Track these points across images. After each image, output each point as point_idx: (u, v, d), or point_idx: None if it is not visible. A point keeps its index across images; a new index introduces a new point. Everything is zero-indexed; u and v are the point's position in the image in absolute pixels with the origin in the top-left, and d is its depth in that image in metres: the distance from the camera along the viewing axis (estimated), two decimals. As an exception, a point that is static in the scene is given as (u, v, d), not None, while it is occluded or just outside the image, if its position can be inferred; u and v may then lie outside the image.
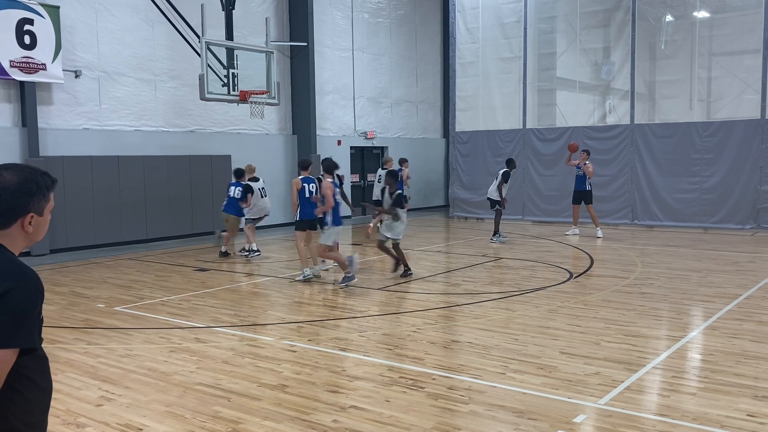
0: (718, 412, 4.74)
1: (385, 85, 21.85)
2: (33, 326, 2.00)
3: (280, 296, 9.40)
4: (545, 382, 5.45)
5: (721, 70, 17.09)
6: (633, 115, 17.52)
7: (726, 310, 7.89)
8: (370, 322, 7.66)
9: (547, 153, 18.84)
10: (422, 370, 5.81)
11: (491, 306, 8.34)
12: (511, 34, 19.83)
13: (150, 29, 15.26)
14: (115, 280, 10.65)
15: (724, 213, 16.24)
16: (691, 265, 11.23)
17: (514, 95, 19.73)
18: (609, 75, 18.71)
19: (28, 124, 13.09)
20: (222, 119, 16.90)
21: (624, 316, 7.66)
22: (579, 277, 10.20)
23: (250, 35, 16.58)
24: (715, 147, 16.34)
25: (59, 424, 4.74)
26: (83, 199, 13.92)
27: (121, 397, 5.32)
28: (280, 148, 18.59)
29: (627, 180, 17.56)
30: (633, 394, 5.17)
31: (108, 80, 14.58)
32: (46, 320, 7.72)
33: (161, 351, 6.63)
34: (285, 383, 5.56)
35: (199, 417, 4.85)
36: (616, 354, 6.19)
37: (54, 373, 6.01)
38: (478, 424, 4.62)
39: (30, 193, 2.11)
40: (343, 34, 20.23)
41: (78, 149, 14.00)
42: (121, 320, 7.98)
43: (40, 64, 13.00)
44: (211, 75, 13.25)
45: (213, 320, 7.88)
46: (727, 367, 5.77)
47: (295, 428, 4.61)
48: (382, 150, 22.04)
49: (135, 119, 15.12)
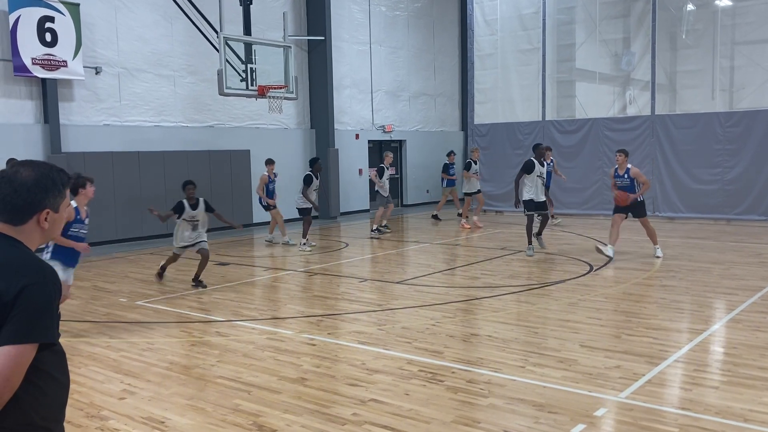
0: (742, 406, 4.68)
1: (403, 78, 21.80)
2: (51, 321, 2.03)
3: (299, 290, 9.44)
4: (565, 375, 5.42)
5: (744, 59, 16.82)
6: (654, 106, 17.32)
7: (749, 303, 7.78)
8: (389, 316, 7.67)
9: (567, 145, 18.68)
10: (442, 364, 5.80)
11: (510, 299, 8.31)
12: (529, 25, 19.67)
13: (169, 25, 15.35)
14: (136, 275, 10.76)
15: (748, 204, 16.01)
16: (714, 257, 11.09)
17: (533, 87, 19.58)
18: (629, 66, 18.49)
19: (50, 120, 13.24)
20: (240, 114, 16.97)
21: (645, 309, 7.59)
22: (599, 270, 10.13)
23: (267, 30, 16.61)
24: (738, 137, 16.10)
25: (83, 417, 4.81)
26: (105, 194, 14.05)
27: (143, 390, 5.38)
28: (299, 142, 18.63)
29: (648, 171, 17.34)
30: (654, 387, 5.12)
31: (128, 76, 14.69)
32: (70, 315, 7.87)
33: (182, 345, 6.69)
34: (305, 376, 5.58)
35: (220, 410, 4.89)
36: (637, 347, 6.14)
37: (77, 367, 6.12)
38: (498, 418, 4.61)
39: (46, 189, 2.13)
40: (361, 27, 20.19)
41: (99, 145, 14.15)
42: (142, 314, 8.07)
43: (61, 61, 13.14)
44: (230, 70, 13.30)
45: (233, 314, 7.94)
46: (750, 360, 5.70)
47: (315, 421, 4.63)
48: (400, 143, 22.00)
49: (154, 115, 15.24)
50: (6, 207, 2.10)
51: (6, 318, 1.94)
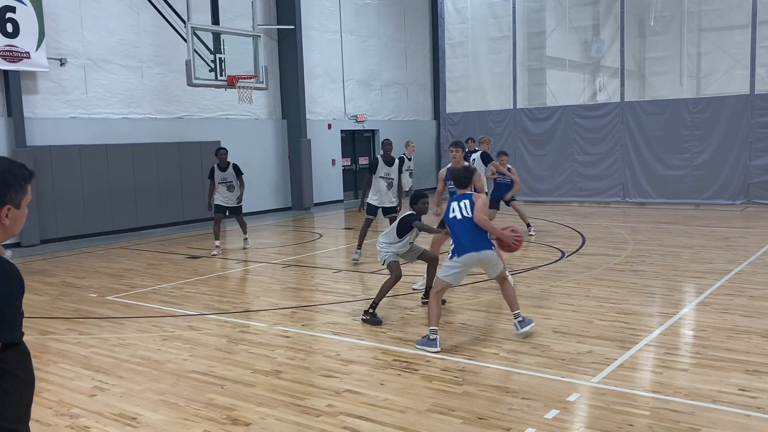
0: (710, 387, 4.77)
1: (375, 67, 21.71)
2: (14, 320, 1.97)
3: (272, 282, 9.38)
4: (538, 361, 5.47)
5: (711, 46, 17.06)
6: (623, 93, 17.51)
7: (717, 286, 7.92)
8: (364, 306, 7.65)
9: (537, 133, 18.82)
10: (416, 353, 5.81)
11: (484, 287, 8.35)
12: (499, 13, 19.72)
13: (135, 15, 15.07)
14: (106, 270, 10.60)
15: (715, 189, 16.30)
16: (683, 242, 11.26)
17: (504, 75, 19.67)
18: (599, 53, 18.65)
19: (13, 113, 12.94)
20: (210, 105, 16.76)
21: (616, 294, 7.69)
22: (571, 256, 10.22)
23: (236, 19, 16.40)
24: (705, 123, 16.35)
25: (52, 416, 4.72)
26: (72, 188, 13.81)
27: (115, 386, 5.31)
28: (270, 133, 18.48)
29: (618, 158, 17.57)
30: (626, 371, 5.19)
31: (94, 68, 14.41)
32: (38, 311, 7.72)
33: (154, 339, 6.61)
34: (279, 369, 5.55)
35: (193, 405, 4.84)
36: (608, 332, 6.21)
37: (46, 365, 6.02)
38: (472, 405, 4.63)
39: (7, 184, 2.08)
40: (331, 16, 20.04)
41: (65, 138, 13.87)
42: (113, 309, 7.95)
43: (23, 52, 12.83)
44: (198, 60, 13.11)
45: (205, 307, 7.86)
46: (718, 342, 5.81)
47: (290, 413, 4.61)
48: (373, 133, 21.94)
49: (122, 107, 14.98)
50: None
51: None
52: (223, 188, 11.70)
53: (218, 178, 11.70)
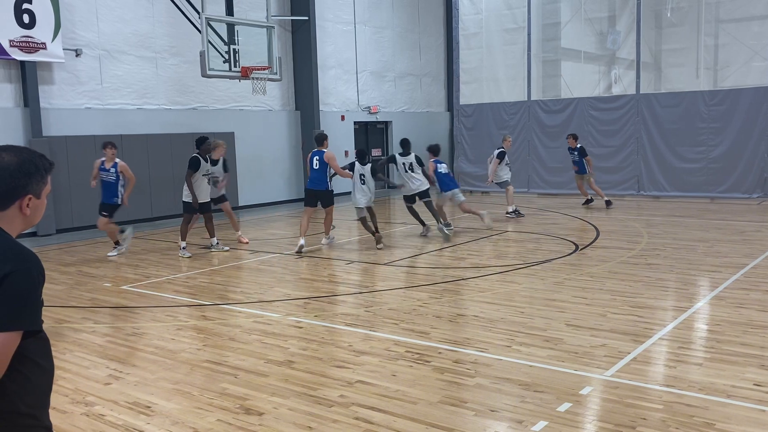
0: (725, 382, 4.74)
1: (388, 58, 21.65)
2: (36, 308, 2.01)
3: (285, 273, 9.42)
4: (551, 354, 5.46)
5: (729, 38, 16.85)
6: (638, 85, 17.34)
7: (733, 280, 7.86)
8: (376, 297, 7.67)
9: (552, 125, 18.69)
10: (428, 344, 5.81)
11: (496, 279, 8.34)
12: (514, 4, 19.57)
13: (150, 5, 15.11)
14: (121, 259, 10.68)
15: (731, 182, 16.13)
16: (698, 235, 11.17)
17: (519, 67, 19.53)
18: (614, 44, 18.48)
19: (30, 104, 13.04)
20: (224, 96, 16.80)
21: (630, 288, 7.65)
22: (585, 249, 10.18)
23: (250, 10, 16.40)
24: (722, 115, 16.17)
25: (68, 403, 4.78)
26: (87, 178, 13.80)
27: (129, 375, 5.36)
28: (284, 124, 18.50)
29: (633, 151, 17.43)
30: (639, 365, 5.16)
31: (109, 58, 14.48)
32: (54, 300, 7.80)
33: (168, 329, 6.66)
34: (292, 359, 5.58)
35: (207, 394, 4.88)
36: (622, 325, 6.19)
37: (62, 353, 6.08)
38: (485, 397, 4.63)
39: (29, 174, 2.10)
40: (345, 7, 19.98)
41: (81, 129, 13.96)
42: (127, 299, 8.02)
43: (40, 43, 12.91)
44: (212, 51, 13.12)
45: (219, 298, 7.91)
46: (733, 336, 5.76)
47: (302, 404, 4.63)
48: (386, 125, 21.91)
49: (137, 97, 15.05)
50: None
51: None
52: (204, 181, 10.74)
53: (203, 170, 10.65)
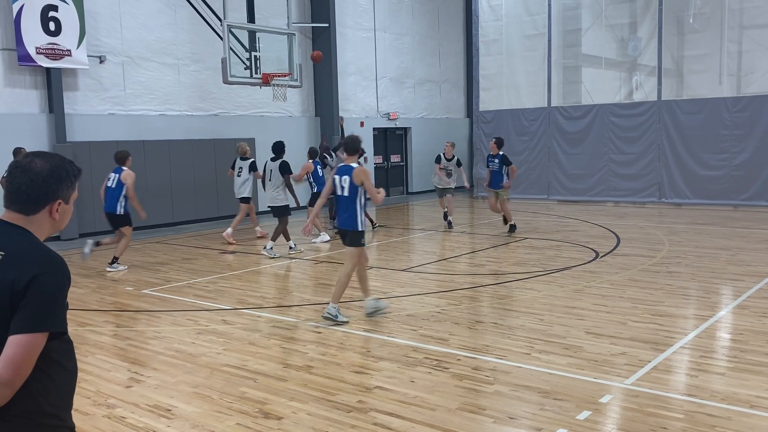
0: (748, 392, 4.68)
1: (408, 65, 21.68)
2: (62, 311, 2.05)
3: (304, 278, 9.46)
4: (571, 362, 5.42)
5: (752, 44, 16.67)
6: (660, 92, 17.20)
7: (756, 289, 7.76)
8: (395, 303, 7.68)
9: (572, 131, 18.60)
10: (447, 351, 5.81)
11: (516, 286, 8.30)
12: (534, 10, 19.53)
13: (172, 13, 15.29)
14: (142, 263, 10.80)
15: (755, 190, 15.93)
16: (720, 243, 11.05)
17: (539, 73, 19.47)
18: (635, 51, 18.36)
19: (54, 110, 13.25)
20: (245, 102, 16.94)
21: (651, 296, 7.58)
22: (605, 257, 10.10)
23: (271, 17, 16.53)
24: (746, 122, 15.99)
25: (90, 405, 4.83)
26: (110, 183, 14.05)
27: (150, 378, 5.41)
28: (303, 130, 18.60)
29: (654, 158, 17.29)
30: (660, 374, 5.11)
31: (132, 65, 14.67)
32: (76, 303, 7.90)
33: (188, 333, 6.71)
34: (310, 364, 5.60)
35: (226, 398, 4.91)
36: (642, 334, 6.13)
37: (84, 355, 6.15)
38: (504, 405, 4.62)
39: (60, 179, 2.16)
40: (365, 14, 20.08)
41: (104, 134, 14.14)
42: (148, 303, 8.10)
43: (65, 50, 13.12)
44: (234, 58, 13.26)
45: (239, 302, 7.96)
46: (757, 346, 5.69)
47: (321, 409, 4.64)
48: (405, 131, 21.94)
49: (159, 104, 15.22)
50: (21, 197, 2.12)
51: (17, 307, 1.96)
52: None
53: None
